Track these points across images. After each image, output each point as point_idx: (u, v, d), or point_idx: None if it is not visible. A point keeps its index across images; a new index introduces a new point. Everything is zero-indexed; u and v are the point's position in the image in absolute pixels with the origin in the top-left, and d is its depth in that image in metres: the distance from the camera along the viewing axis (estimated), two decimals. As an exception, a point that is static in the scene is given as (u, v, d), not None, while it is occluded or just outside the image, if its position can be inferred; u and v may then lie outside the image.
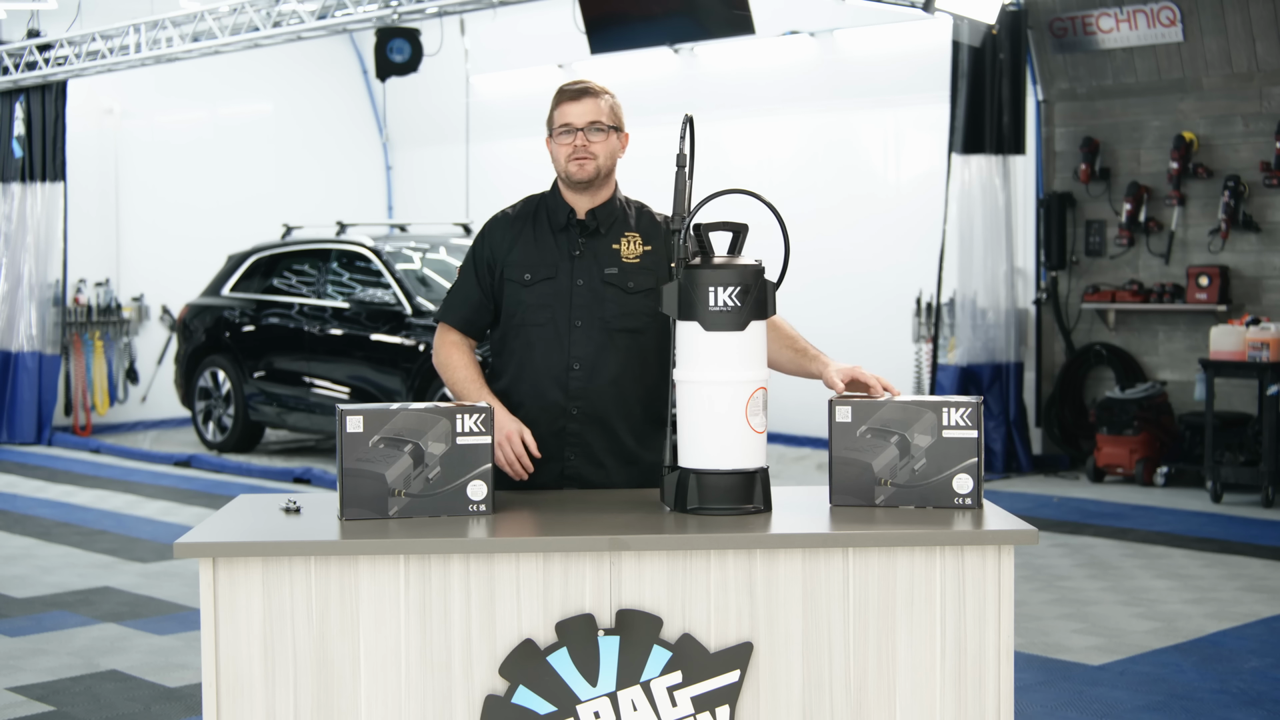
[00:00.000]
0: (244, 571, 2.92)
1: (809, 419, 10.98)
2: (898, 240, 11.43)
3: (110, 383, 13.43)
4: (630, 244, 3.64)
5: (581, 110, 3.56)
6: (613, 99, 3.63)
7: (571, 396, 3.57)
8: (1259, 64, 9.75)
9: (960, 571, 2.98)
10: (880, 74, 11.50)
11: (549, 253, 3.62)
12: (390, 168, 15.42)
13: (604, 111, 3.58)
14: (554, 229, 3.64)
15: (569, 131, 3.56)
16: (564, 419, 3.58)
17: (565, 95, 3.60)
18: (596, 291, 3.59)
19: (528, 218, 3.68)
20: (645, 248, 3.63)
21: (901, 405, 3.18)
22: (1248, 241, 9.88)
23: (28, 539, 8.36)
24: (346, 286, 11.04)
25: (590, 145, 3.56)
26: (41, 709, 5.20)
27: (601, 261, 3.60)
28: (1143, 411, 9.91)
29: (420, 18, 10.39)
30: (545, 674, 2.93)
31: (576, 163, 3.56)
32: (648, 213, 3.72)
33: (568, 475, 3.59)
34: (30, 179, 12.56)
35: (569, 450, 3.59)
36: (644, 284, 3.60)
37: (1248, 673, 5.54)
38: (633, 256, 3.62)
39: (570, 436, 3.58)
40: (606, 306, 3.58)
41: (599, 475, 3.60)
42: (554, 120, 3.60)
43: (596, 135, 3.57)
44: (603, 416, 3.59)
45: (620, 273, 3.60)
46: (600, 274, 3.59)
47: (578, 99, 3.57)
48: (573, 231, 3.63)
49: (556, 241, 3.63)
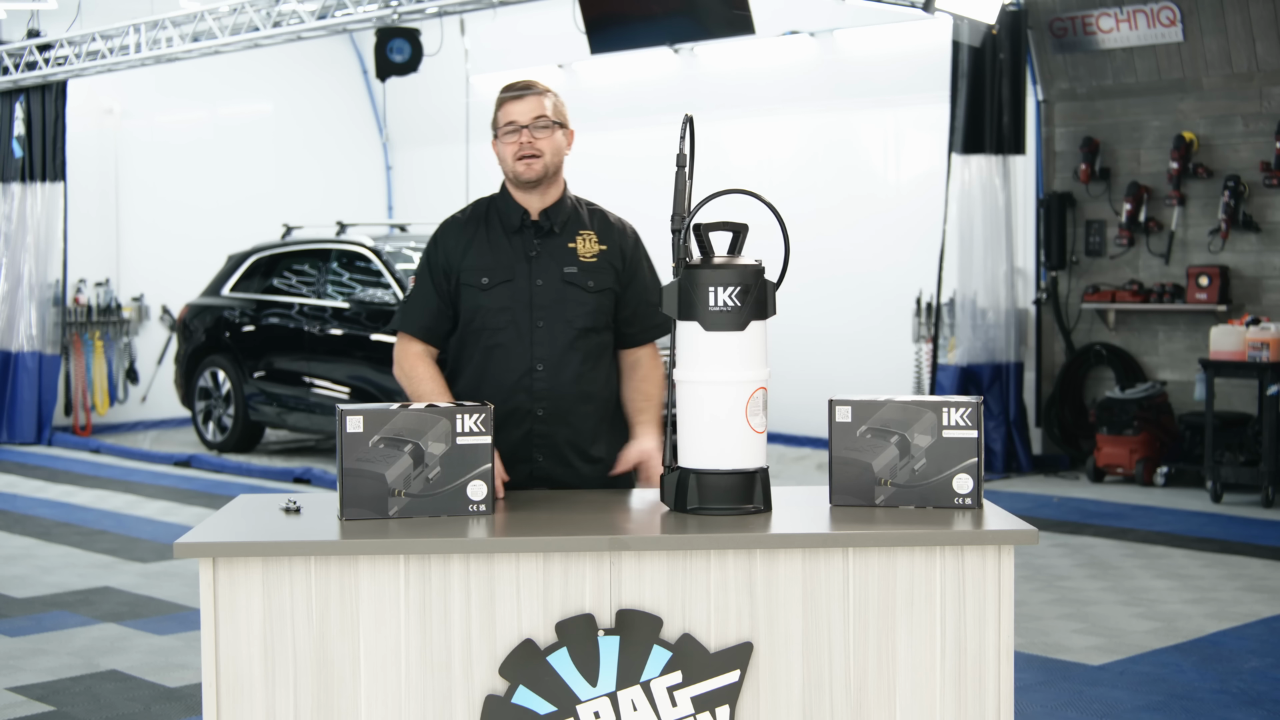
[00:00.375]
0: (244, 571, 2.92)
1: (809, 419, 10.98)
2: (898, 240, 11.42)
3: (110, 383, 13.43)
4: (586, 242, 3.65)
5: (525, 108, 3.58)
6: (556, 97, 3.65)
7: (536, 397, 3.58)
8: (1259, 64, 9.75)
9: (960, 571, 2.98)
10: (880, 74, 11.50)
11: (505, 255, 3.61)
12: (390, 168, 15.42)
13: (547, 108, 3.60)
14: (507, 231, 3.63)
15: (514, 129, 3.58)
16: (530, 420, 3.58)
17: (509, 95, 3.62)
18: (557, 291, 3.59)
19: (479, 221, 3.67)
20: (601, 246, 3.65)
21: (901, 405, 3.18)
22: (1248, 241, 9.88)
23: (28, 539, 8.36)
24: (346, 286, 11.05)
25: (536, 142, 3.57)
26: (41, 709, 5.20)
27: (560, 261, 3.61)
28: (1143, 411, 9.91)
29: (420, 18, 10.39)
30: (545, 674, 2.93)
31: (524, 162, 3.58)
32: (599, 212, 3.74)
33: (536, 476, 3.60)
34: (30, 179, 12.56)
35: (536, 451, 3.59)
36: (604, 283, 3.63)
37: (1248, 673, 5.54)
38: (590, 255, 3.64)
39: (537, 438, 3.59)
40: (569, 306, 3.58)
41: (567, 474, 3.61)
42: (498, 120, 3.62)
43: (541, 132, 3.58)
44: (568, 416, 3.60)
45: (580, 272, 3.61)
46: (560, 273, 3.60)
47: (521, 97, 3.60)
48: (527, 233, 3.63)
49: (511, 243, 3.62)
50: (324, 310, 10.99)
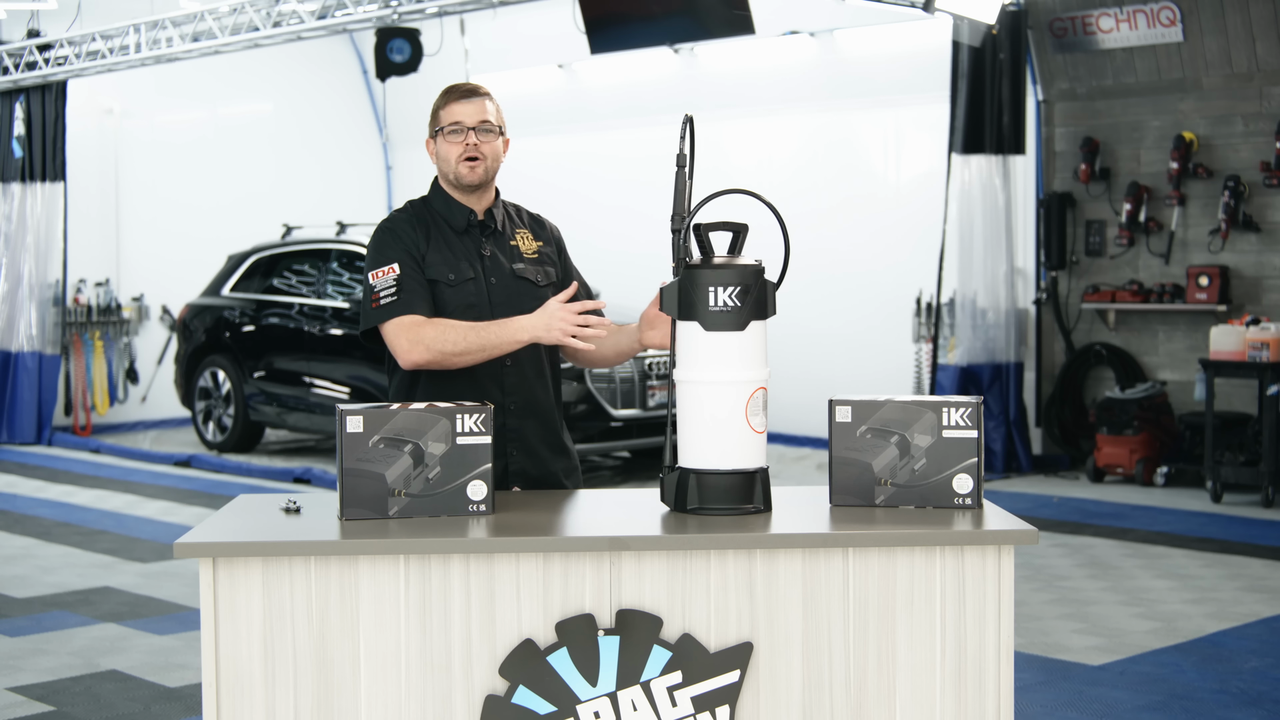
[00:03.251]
0: (244, 571, 2.92)
1: (809, 419, 10.99)
2: (898, 240, 11.43)
3: (110, 383, 13.43)
4: (525, 240, 3.71)
5: (472, 110, 3.62)
6: (497, 104, 3.70)
7: (508, 392, 3.60)
8: (1259, 64, 9.75)
9: (960, 571, 2.98)
10: (880, 74, 11.50)
11: (460, 254, 3.63)
12: (390, 168, 15.42)
13: (491, 113, 3.65)
14: (455, 231, 3.65)
15: (459, 130, 3.60)
16: (503, 414, 3.58)
17: (455, 94, 3.65)
18: (511, 288, 3.63)
19: (425, 220, 3.66)
20: (538, 243, 3.72)
21: (902, 405, 3.18)
22: (1248, 241, 9.88)
23: (28, 539, 8.36)
24: (346, 286, 11.05)
25: (480, 145, 3.61)
26: (41, 709, 5.20)
27: (508, 259, 3.66)
28: (1143, 411, 9.91)
29: (420, 18, 10.39)
30: (545, 674, 2.93)
31: (467, 165, 3.60)
32: (525, 211, 3.81)
33: (512, 471, 3.60)
34: (30, 179, 12.56)
35: (510, 446, 3.60)
36: (549, 277, 3.69)
37: (1248, 673, 5.54)
38: (531, 252, 3.70)
39: (510, 432, 3.60)
40: (524, 302, 3.60)
41: (538, 468, 3.63)
42: (441, 119, 3.63)
43: (485, 136, 3.62)
44: (535, 409, 3.63)
45: (528, 267, 3.67)
46: (510, 271, 3.64)
47: (468, 98, 3.63)
48: (475, 232, 3.66)
49: (463, 243, 3.64)
50: (324, 310, 10.99)
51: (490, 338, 3.46)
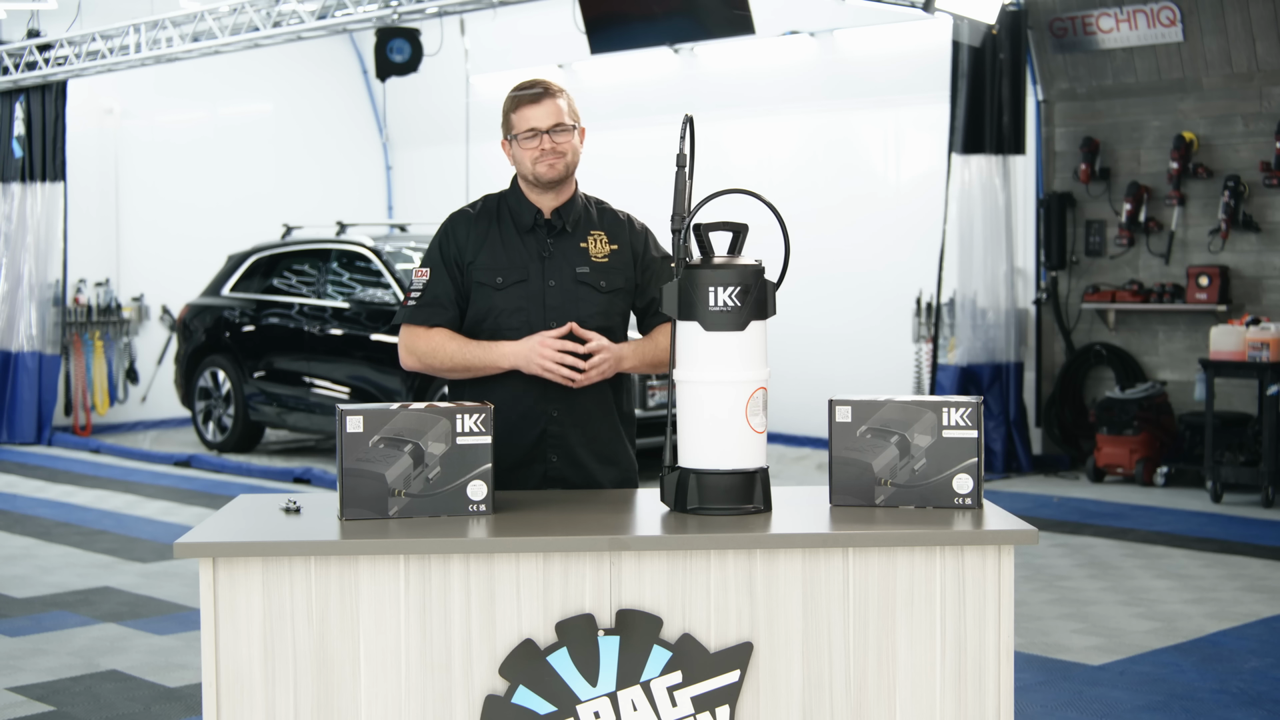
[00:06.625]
0: (244, 571, 2.92)
1: (809, 419, 10.99)
2: (898, 240, 11.43)
3: (110, 383, 13.43)
4: (597, 243, 3.62)
5: (544, 113, 3.54)
6: (568, 96, 3.61)
7: (551, 400, 3.55)
8: (1259, 64, 9.75)
9: (960, 571, 2.98)
10: (880, 74, 11.50)
11: (518, 254, 3.58)
12: (390, 168, 15.42)
13: (565, 112, 3.57)
14: (520, 230, 3.60)
15: (534, 135, 3.54)
16: (545, 421, 3.55)
17: (524, 99, 3.57)
18: (570, 292, 3.56)
19: (491, 217, 3.63)
20: (612, 247, 3.62)
21: (902, 405, 3.18)
22: (1248, 241, 9.88)
23: (28, 539, 8.36)
24: (346, 286, 11.05)
25: (558, 146, 3.54)
26: (41, 709, 5.20)
27: (572, 261, 3.58)
28: (1143, 411, 9.91)
29: (420, 18, 10.39)
30: (545, 674, 2.93)
31: (547, 164, 3.54)
32: (609, 210, 3.71)
33: (550, 478, 3.57)
34: (30, 179, 12.56)
35: (551, 452, 3.57)
36: (615, 283, 3.61)
37: (1248, 673, 5.54)
38: (601, 256, 3.61)
39: (551, 439, 3.57)
40: (581, 306, 3.56)
41: (581, 476, 3.59)
42: (514, 124, 3.57)
43: (561, 136, 3.55)
44: (581, 417, 3.58)
45: (592, 272, 3.59)
46: (572, 274, 3.57)
47: (538, 101, 3.55)
48: (540, 232, 3.60)
49: (524, 242, 3.59)
50: (324, 310, 10.99)
51: (474, 359, 3.52)
